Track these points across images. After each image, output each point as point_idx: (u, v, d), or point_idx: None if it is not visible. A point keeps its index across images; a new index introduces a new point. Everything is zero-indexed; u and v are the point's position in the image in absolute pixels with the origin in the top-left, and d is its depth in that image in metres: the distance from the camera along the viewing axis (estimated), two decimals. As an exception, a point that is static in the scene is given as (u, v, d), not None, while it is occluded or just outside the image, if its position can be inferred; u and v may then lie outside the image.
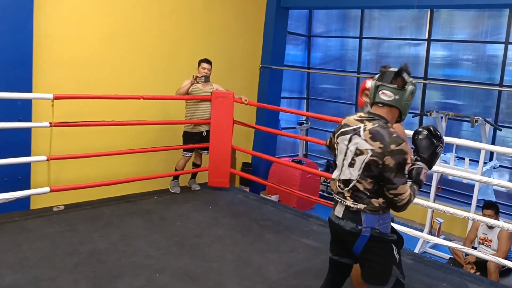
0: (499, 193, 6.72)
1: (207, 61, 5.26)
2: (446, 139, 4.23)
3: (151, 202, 5.00)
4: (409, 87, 2.17)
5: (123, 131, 5.38)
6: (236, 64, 7.24)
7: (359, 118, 2.21)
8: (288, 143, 9.39)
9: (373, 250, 2.18)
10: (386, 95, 2.17)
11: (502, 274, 4.74)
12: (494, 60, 7.09)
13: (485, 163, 6.28)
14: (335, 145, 2.31)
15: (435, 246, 6.28)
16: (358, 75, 8.65)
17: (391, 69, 2.23)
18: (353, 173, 2.15)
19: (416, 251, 5.95)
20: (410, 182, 2.14)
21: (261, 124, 7.23)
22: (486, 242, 5.01)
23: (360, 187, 2.14)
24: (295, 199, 7.34)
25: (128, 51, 5.68)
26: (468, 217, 4.02)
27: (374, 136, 2.09)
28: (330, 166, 9.10)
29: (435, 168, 4.61)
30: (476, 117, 5.91)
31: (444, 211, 4.10)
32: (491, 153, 6.85)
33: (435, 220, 6.47)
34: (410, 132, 2.61)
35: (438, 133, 2.24)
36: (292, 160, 8.04)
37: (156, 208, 4.81)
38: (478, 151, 6.09)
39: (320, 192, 8.57)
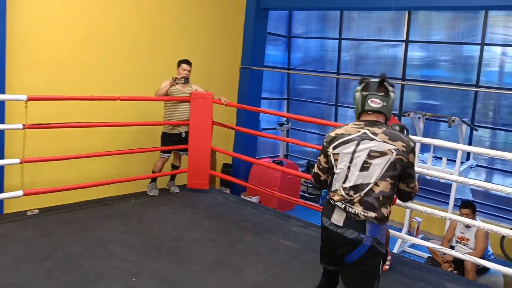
0: (476, 192, 6.84)
1: (187, 62, 5.21)
2: (424, 139, 4.29)
3: (129, 205, 4.91)
4: (392, 94, 2.35)
5: (99, 132, 5.28)
6: (216, 65, 7.19)
7: (356, 126, 2.32)
8: (269, 144, 9.38)
9: (368, 261, 2.21)
10: (375, 102, 2.31)
11: (479, 272, 4.80)
12: (471, 61, 7.22)
13: (462, 162, 6.38)
14: (331, 159, 2.34)
15: (414, 245, 6.34)
16: (338, 76, 8.70)
17: (372, 80, 2.36)
18: (371, 176, 2.20)
19: (395, 250, 6.00)
20: None
21: (241, 125, 7.21)
22: (463, 241, 5.08)
23: (376, 190, 2.19)
24: (275, 200, 7.33)
25: (105, 52, 5.58)
26: (445, 217, 4.05)
27: (391, 137, 2.22)
28: (311, 167, 9.13)
29: (416, 169, 4.64)
30: (453, 118, 6.00)
31: (422, 211, 4.13)
32: (468, 153, 6.96)
33: (413, 219, 6.54)
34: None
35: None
36: (273, 161, 8.03)
37: (134, 211, 4.72)
38: (455, 150, 6.18)
39: (300, 193, 8.59)
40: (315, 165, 2.48)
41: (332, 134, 2.37)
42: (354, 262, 2.21)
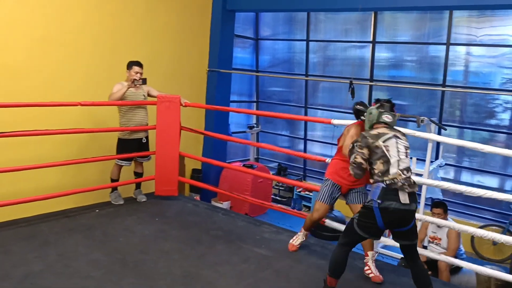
0: (446, 191, 6.88)
1: (139, 64, 4.95)
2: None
3: (92, 216, 4.66)
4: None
5: (60, 141, 5.00)
6: (182, 68, 7.00)
7: (388, 130, 3.14)
8: (239, 147, 9.24)
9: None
10: (388, 118, 3.21)
11: (452, 271, 4.80)
12: (437, 60, 7.30)
13: (431, 161, 6.41)
14: (383, 149, 3.02)
15: (387, 246, 6.32)
16: (307, 78, 8.66)
17: (386, 103, 3.30)
18: (408, 161, 3.06)
19: (368, 252, 5.95)
20: None
21: (210, 128, 7.04)
22: (436, 241, 5.08)
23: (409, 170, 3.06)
24: (247, 204, 7.20)
25: (65, 56, 5.30)
26: (418, 218, 4.02)
27: (405, 136, 3.23)
28: (282, 170, 9.05)
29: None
30: (422, 117, 6.01)
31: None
32: (437, 152, 7.02)
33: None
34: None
35: None
36: (244, 165, 7.90)
37: (98, 222, 4.48)
38: (424, 150, 6.20)
39: (272, 196, 8.48)
40: (358, 156, 3.08)
41: (374, 132, 3.11)
42: (412, 225, 3.02)
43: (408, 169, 3.01)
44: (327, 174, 3.85)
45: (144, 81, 4.91)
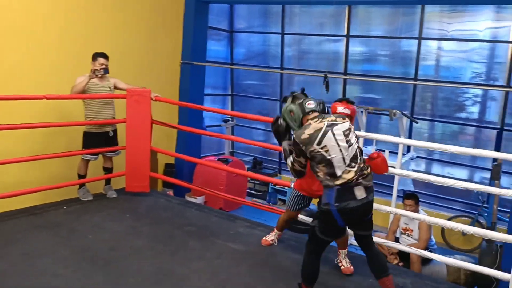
0: (417, 183, 7.01)
1: (104, 56, 4.77)
2: (368, 134, 4.27)
3: (60, 213, 4.51)
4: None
5: (24, 135, 4.81)
6: (155, 61, 6.85)
7: (320, 121, 2.83)
8: (214, 141, 9.16)
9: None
10: (311, 104, 2.95)
11: (423, 262, 4.87)
12: (409, 55, 7.38)
13: (403, 154, 6.51)
14: (321, 153, 2.75)
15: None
16: (282, 71, 8.63)
17: (297, 93, 3.09)
18: (354, 146, 2.82)
19: (342, 245, 6.00)
20: None
21: (184, 122, 6.93)
22: (407, 232, 5.15)
23: (358, 154, 2.83)
24: (221, 199, 7.14)
25: (29, 48, 5.10)
26: (388, 211, 4.07)
27: (337, 116, 2.89)
28: (257, 164, 9.03)
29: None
30: (395, 111, 6.08)
31: (368, 206, 4.11)
32: (408, 146, 7.13)
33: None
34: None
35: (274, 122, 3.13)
36: (218, 159, 7.83)
37: (65, 220, 4.33)
38: (397, 143, 6.28)
39: (247, 190, 8.45)
40: (296, 164, 2.91)
41: (305, 135, 2.78)
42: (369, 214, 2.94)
43: (355, 158, 2.78)
44: (295, 184, 3.78)
45: (105, 71, 4.74)
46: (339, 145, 2.75)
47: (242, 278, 3.40)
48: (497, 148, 6.67)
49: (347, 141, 2.78)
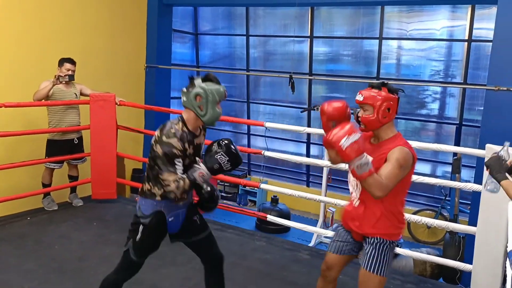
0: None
1: (71, 61, 4.70)
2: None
3: (24, 224, 4.39)
4: (194, 90, 2.37)
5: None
6: (118, 65, 6.74)
7: None
8: (182, 145, 9.08)
9: (132, 222, 2.62)
10: (182, 98, 2.43)
11: (390, 256, 5.01)
12: (371, 54, 7.56)
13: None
14: None
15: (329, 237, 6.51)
16: (248, 73, 8.66)
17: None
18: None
19: (312, 243, 6.09)
20: (182, 176, 2.33)
21: (151, 127, 6.85)
22: (374, 228, 5.28)
23: (148, 173, 2.46)
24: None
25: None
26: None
27: (162, 126, 2.37)
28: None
29: (327, 163, 4.72)
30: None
31: (335, 204, 4.21)
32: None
33: (328, 210, 6.70)
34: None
35: (224, 143, 2.42)
36: (187, 163, 7.77)
37: (30, 231, 4.23)
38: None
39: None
40: None
41: None
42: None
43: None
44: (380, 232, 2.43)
45: (70, 77, 4.64)
46: None
47: (213, 282, 3.40)
48: (457, 143, 6.92)
49: None
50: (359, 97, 2.46)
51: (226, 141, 2.43)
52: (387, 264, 2.38)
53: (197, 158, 2.51)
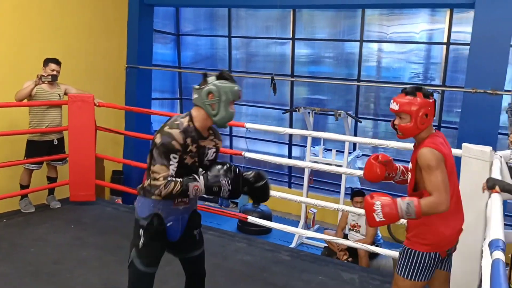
0: (363, 180, 7.24)
1: (56, 61, 4.63)
2: (315, 133, 4.38)
3: (0, 227, 4.29)
4: (206, 87, 2.24)
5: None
6: (98, 65, 6.65)
7: None
8: (163, 146, 9.00)
9: (134, 226, 2.40)
10: (193, 95, 2.30)
11: (371, 256, 5.06)
12: (352, 57, 7.62)
13: (349, 153, 6.72)
14: None
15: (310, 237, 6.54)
16: (230, 74, 8.63)
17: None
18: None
19: (293, 244, 6.11)
20: (176, 179, 2.15)
21: (131, 128, 6.78)
22: (356, 228, 5.32)
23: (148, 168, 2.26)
24: (173, 204, 7.04)
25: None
26: (337, 208, 4.19)
27: (167, 121, 2.26)
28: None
29: (308, 164, 4.75)
30: (339, 111, 6.26)
31: (316, 205, 4.23)
32: (355, 144, 7.36)
33: (309, 211, 6.73)
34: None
35: (235, 171, 2.23)
36: (168, 164, 7.70)
37: (6, 233, 4.13)
38: (343, 142, 6.48)
39: (199, 194, 8.37)
40: None
41: None
42: None
43: None
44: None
45: (53, 78, 4.56)
46: None
47: (193, 284, 3.37)
48: (436, 144, 7.02)
49: None
50: (395, 106, 2.39)
51: (237, 171, 2.24)
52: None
53: (200, 169, 2.29)
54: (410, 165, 2.46)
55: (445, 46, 6.82)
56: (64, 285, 3.25)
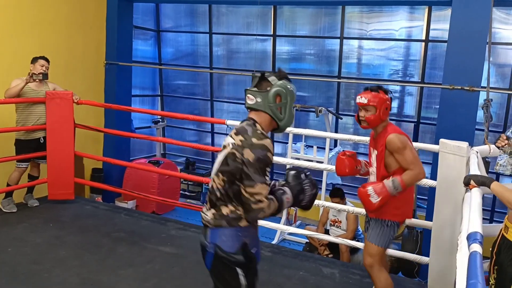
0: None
1: (45, 59, 4.60)
2: (295, 130, 4.39)
3: (-26, 227, 4.19)
4: (273, 89, 2.04)
5: None
6: (76, 62, 6.53)
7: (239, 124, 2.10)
8: (144, 143, 8.92)
9: (219, 270, 2.01)
10: (249, 98, 2.06)
11: (352, 251, 5.11)
12: (333, 53, 7.67)
13: (330, 149, 6.77)
14: None
15: (292, 233, 6.56)
16: (211, 71, 8.60)
17: (256, 75, 2.14)
18: (213, 171, 2.02)
19: (275, 240, 6.13)
20: (270, 195, 1.97)
21: (111, 125, 6.69)
22: (336, 224, 5.36)
23: (214, 185, 1.99)
24: (154, 202, 6.99)
25: None
26: (318, 204, 4.21)
27: (238, 131, 1.98)
28: (190, 164, 8.93)
29: (288, 161, 4.76)
30: (320, 108, 6.30)
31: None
32: (335, 140, 7.41)
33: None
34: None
35: (307, 174, 2.15)
36: (149, 161, 7.65)
37: (-19, 234, 4.03)
38: (324, 138, 6.52)
39: (181, 191, 8.34)
40: None
41: None
42: (210, 271, 2.04)
43: (211, 189, 2.02)
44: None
45: (45, 76, 4.51)
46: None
47: (174, 281, 3.36)
48: (415, 140, 7.09)
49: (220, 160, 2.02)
50: (363, 100, 2.75)
51: (307, 173, 2.12)
52: None
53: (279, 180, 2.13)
54: (374, 154, 2.85)
55: (423, 43, 6.92)
56: (42, 285, 3.19)
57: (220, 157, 2.00)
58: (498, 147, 2.44)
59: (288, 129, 4.31)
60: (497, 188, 2.18)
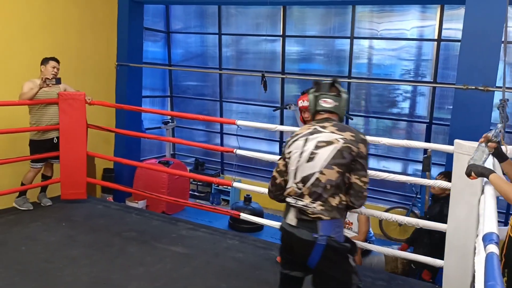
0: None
1: (56, 60, 4.65)
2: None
3: (-11, 226, 4.22)
4: (344, 95, 2.38)
5: None
6: (88, 63, 6.57)
7: (309, 126, 2.35)
8: (154, 144, 8.96)
9: (331, 261, 2.14)
10: (327, 102, 2.34)
11: (363, 253, 5.05)
12: (343, 54, 7.62)
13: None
14: (287, 160, 2.33)
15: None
16: (220, 71, 8.61)
17: (324, 81, 2.41)
18: (316, 165, 2.18)
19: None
20: None
21: (122, 126, 6.72)
22: (347, 225, 5.31)
23: (323, 178, 2.16)
24: (164, 202, 7.00)
25: None
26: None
27: (340, 128, 2.24)
28: (199, 165, 8.94)
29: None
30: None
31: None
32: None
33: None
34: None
35: None
36: (159, 162, 7.67)
37: (-5, 232, 4.06)
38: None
39: (190, 192, 8.35)
40: (274, 168, 2.44)
41: (290, 138, 2.41)
42: (318, 264, 2.13)
43: (305, 180, 2.19)
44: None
45: (58, 81, 4.57)
46: (301, 156, 2.24)
47: (184, 281, 3.36)
48: (427, 141, 7.03)
49: (310, 156, 2.20)
50: (306, 103, 2.91)
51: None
52: None
53: None
54: None
55: (436, 43, 6.84)
56: (53, 283, 3.21)
57: (327, 152, 2.17)
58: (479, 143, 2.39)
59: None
60: (495, 180, 2.15)
